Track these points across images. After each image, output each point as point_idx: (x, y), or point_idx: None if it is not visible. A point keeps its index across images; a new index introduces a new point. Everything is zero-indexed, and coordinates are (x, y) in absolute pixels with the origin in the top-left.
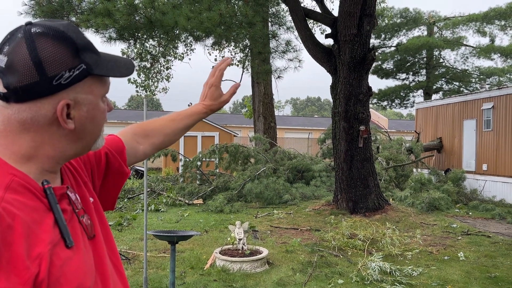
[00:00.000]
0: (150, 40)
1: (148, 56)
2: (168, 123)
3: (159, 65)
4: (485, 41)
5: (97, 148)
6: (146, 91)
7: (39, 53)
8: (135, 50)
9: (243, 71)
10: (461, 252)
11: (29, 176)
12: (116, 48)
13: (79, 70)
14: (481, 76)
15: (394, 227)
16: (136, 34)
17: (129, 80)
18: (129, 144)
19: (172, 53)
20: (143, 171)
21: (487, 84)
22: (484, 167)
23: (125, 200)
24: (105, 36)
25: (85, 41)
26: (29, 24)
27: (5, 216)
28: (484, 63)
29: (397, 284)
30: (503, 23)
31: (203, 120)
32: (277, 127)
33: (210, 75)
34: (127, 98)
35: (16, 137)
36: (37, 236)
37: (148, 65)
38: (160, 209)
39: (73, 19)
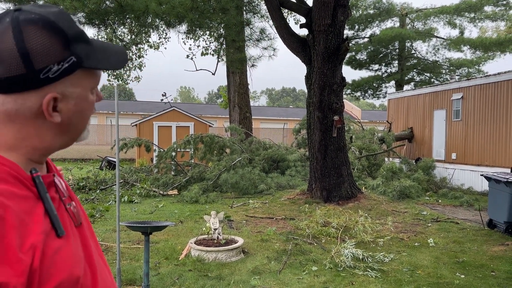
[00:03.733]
0: (121, 26)
1: (120, 44)
2: None
3: (131, 53)
4: (455, 33)
5: (82, 140)
6: (118, 80)
7: (26, 44)
8: (105, 37)
9: (218, 61)
10: (430, 239)
11: (18, 165)
12: None
13: (68, 63)
14: (451, 68)
15: (366, 214)
16: (107, 19)
17: None
18: None
19: (144, 41)
20: (115, 161)
21: (457, 75)
22: (453, 156)
23: (98, 191)
24: None
25: (77, 30)
26: (17, 10)
27: None
28: (454, 54)
29: (370, 270)
30: (472, 15)
31: (178, 110)
32: (252, 117)
33: None
34: (98, 88)
35: (1, 126)
36: (29, 226)
37: None
38: (134, 200)
39: (40, 2)
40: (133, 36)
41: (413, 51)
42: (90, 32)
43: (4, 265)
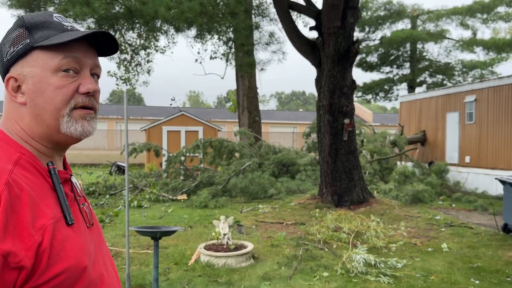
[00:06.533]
0: (130, 31)
1: (128, 49)
2: None
3: (140, 58)
4: (467, 34)
5: (71, 133)
6: (126, 85)
7: (3, 38)
8: None
9: (226, 65)
10: (444, 244)
11: (35, 156)
12: None
13: (22, 45)
14: (464, 69)
15: (378, 219)
16: (116, 24)
17: (108, 72)
18: None
19: (153, 45)
20: (125, 166)
21: (470, 77)
22: (467, 159)
23: (107, 196)
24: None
25: (37, 20)
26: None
27: (14, 186)
28: (467, 56)
29: (382, 276)
30: (485, 16)
31: (187, 115)
32: (262, 121)
33: None
34: (108, 93)
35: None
36: (41, 209)
37: (128, 58)
38: (143, 205)
39: (51, 8)
40: (141, 41)
41: (424, 53)
42: None
43: (15, 237)
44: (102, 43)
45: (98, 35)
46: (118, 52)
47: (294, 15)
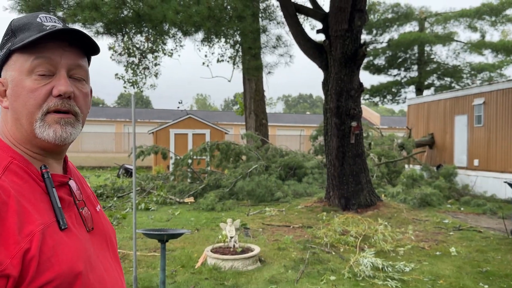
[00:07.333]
0: (138, 35)
1: (136, 52)
2: None
3: (147, 61)
4: (475, 36)
5: (45, 138)
6: (134, 88)
7: None
8: (122, 45)
9: (233, 68)
10: (452, 247)
11: (28, 160)
12: (103, 43)
13: (5, 49)
14: (472, 72)
15: (386, 223)
16: (124, 28)
17: (116, 75)
18: None
19: (160, 48)
20: (132, 169)
21: (478, 80)
22: (476, 162)
23: (115, 199)
24: (92, 31)
25: (21, 22)
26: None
27: (1, 193)
28: (475, 58)
29: (389, 280)
30: (493, 18)
31: (194, 117)
32: (269, 124)
33: None
34: (116, 96)
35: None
36: (30, 215)
37: (136, 61)
38: (151, 208)
39: (60, 13)
40: (149, 44)
41: (432, 56)
42: (108, 41)
43: (0, 245)
44: (89, 43)
45: (81, 34)
46: (126, 55)
47: (301, 18)
